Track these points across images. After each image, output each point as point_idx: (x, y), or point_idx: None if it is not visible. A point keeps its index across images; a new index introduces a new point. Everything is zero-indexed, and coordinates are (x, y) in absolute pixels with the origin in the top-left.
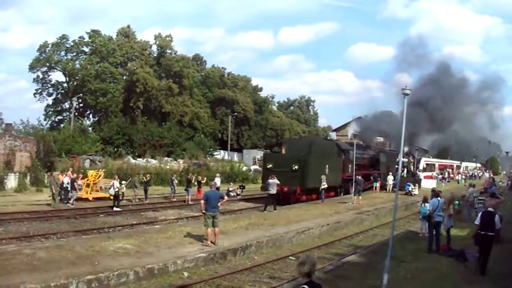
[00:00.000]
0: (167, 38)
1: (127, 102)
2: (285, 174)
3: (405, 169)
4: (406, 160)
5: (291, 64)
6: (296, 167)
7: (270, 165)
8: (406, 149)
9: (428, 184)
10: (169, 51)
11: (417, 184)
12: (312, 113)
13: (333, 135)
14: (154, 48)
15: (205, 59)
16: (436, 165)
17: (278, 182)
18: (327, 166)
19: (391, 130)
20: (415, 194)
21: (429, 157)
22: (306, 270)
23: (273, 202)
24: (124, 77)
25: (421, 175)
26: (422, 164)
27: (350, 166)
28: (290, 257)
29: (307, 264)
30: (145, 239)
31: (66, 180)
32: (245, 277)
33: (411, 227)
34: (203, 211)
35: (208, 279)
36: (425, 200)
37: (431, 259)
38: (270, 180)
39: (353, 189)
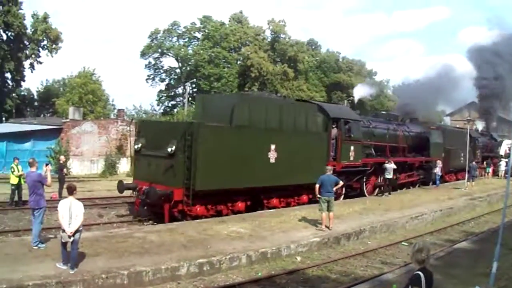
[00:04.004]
0: (281, 23)
1: (242, 86)
2: (157, 162)
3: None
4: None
5: (404, 48)
6: (172, 149)
7: (140, 145)
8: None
9: None
10: (283, 36)
11: None
12: None
13: (447, 120)
14: (268, 33)
15: (320, 44)
16: None
17: (395, 167)
18: (274, 148)
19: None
20: None
21: None
22: (423, 257)
23: (389, 186)
24: (238, 62)
25: None
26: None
27: (353, 148)
28: (403, 243)
29: (424, 251)
30: (259, 223)
31: None
32: (357, 262)
33: None
34: (318, 196)
35: (320, 263)
36: None
37: None
38: (387, 165)
39: (466, 176)
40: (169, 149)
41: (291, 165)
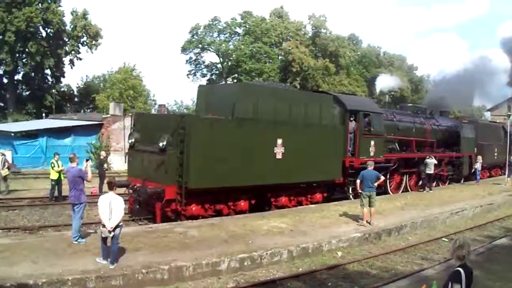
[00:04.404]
0: (321, 18)
1: (283, 81)
2: (150, 158)
3: None
4: None
5: (444, 42)
6: (163, 144)
7: (133, 140)
8: None
9: None
10: (324, 31)
11: None
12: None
13: (488, 115)
14: (309, 28)
15: (360, 39)
16: None
17: (436, 162)
18: (283, 142)
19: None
20: None
21: None
22: (464, 253)
23: (430, 182)
24: (280, 57)
25: None
26: None
27: (374, 143)
28: (443, 239)
29: (465, 248)
30: (300, 218)
31: None
32: (398, 257)
33: None
34: (360, 191)
35: (361, 259)
36: None
37: None
38: (428, 160)
39: (507, 171)
40: (160, 144)
41: (301, 161)
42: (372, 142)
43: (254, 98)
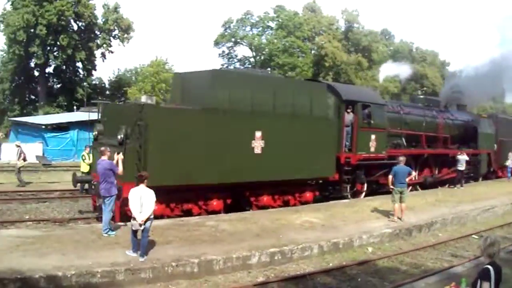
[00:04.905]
0: (354, 13)
1: (316, 76)
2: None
3: None
4: None
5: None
6: (121, 136)
7: (96, 132)
8: None
9: None
10: (357, 26)
11: None
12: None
13: None
14: (341, 22)
15: (393, 34)
16: None
17: (467, 159)
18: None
19: None
20: None
21: None
22: (494, 251)
23: (461, 178)
24: (312, 52)
25: None
26: None
27: (375, 137)
28: (473, 236)
29: (495, 246)
30: (332, 213)
31: None
32: (427, 254)
33: None
34: (392, 187)
35: (391, 255)
36: None
37: None
38: (459, 156)
39: None
40: (119, 137)
41: (285, 157)
42: (373, 137)
43: (229, 86)
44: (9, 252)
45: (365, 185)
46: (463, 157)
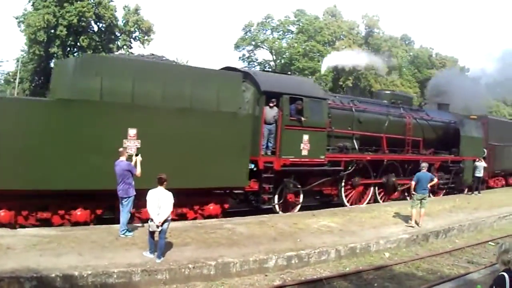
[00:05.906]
0: (374, 18)
1: (336, 80)
2: None
3: None
4: None
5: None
6: None
7: None
8: None
9: None
10: (377, 31)
11: None
12: None
13: None
14: (362, 27)
15: (413, 39)
16: None
17: (485, 165)
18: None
19: None
20: None
21: None
22: (509, 258)
23: (479, 185)
24: None
25: None
26: None
27: (308, 138)
28: (490, 243)
29: (510, 253)
30: (350, 218)
31: None
32: (444, 260)
33: None
34: (413, 193)
35: (408, 260)
36: None
37: None
38: (477, 163)
39: None
40: None
41: (172, 161)
42: (305, 137)
43: (102, 74)
44: (25, 251)
45: (301, 196)
46: (481, 164)
